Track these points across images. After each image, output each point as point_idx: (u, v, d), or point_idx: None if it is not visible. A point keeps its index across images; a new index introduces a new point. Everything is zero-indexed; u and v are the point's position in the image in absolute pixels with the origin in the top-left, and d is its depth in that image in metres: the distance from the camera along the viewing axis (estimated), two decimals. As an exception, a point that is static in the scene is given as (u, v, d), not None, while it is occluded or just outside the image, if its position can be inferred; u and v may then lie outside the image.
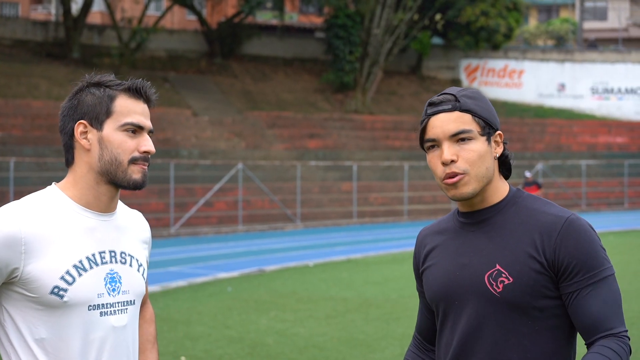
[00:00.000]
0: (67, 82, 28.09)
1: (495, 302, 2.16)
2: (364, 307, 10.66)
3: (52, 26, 32.92)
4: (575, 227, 2.15)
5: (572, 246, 2.14)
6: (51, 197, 2.26)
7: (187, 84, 31.74)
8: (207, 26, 35.22)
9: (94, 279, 2.21)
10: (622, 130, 36.76)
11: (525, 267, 2.14)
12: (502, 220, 2.23)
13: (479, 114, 2.21)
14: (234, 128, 28.97)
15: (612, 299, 2.13)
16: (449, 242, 2.31)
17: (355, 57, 34.11)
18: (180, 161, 24.87)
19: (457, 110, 2.21)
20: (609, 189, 32.95)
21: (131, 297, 2.30)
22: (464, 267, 2.23)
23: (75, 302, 2.17)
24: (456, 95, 2.22)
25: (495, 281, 2.16)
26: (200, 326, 9.38)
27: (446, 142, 2.19)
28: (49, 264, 2.15)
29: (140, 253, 2.39)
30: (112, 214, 2.32)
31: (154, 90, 2.32)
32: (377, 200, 28.17)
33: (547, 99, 38.89)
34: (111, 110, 2.23)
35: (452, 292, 2.24)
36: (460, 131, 2.19)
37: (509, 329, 2.16)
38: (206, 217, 24.03)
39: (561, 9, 55.48)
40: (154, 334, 2.60)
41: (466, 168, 2.18)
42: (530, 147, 34.13)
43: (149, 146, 2.25)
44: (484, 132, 2.21)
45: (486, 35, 37.29)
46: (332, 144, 30.36)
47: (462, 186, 2.19)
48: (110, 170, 2.23)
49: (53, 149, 23.62)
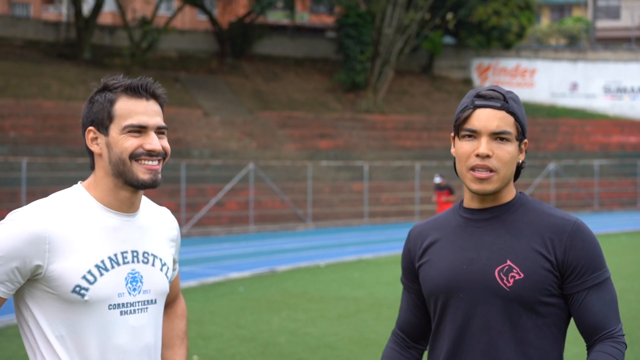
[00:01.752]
0: (79, 83, 28.20)
1: (504, 296, 2.25)
2: (376, 307, 10.65)
3: (64, 27, 33.04)
4: (582, 231, 2.29)
5: (579, 248, 2.26)
6: (76, 197, 2.29)
7: (198, 84, 31.79)
8: (218, 26, 35.27)
9: (115, 278, 2.24)
10: (635, 130, 36.56)
11: (536, 264, 2.25)
12: (512, 219, 2.32)
13: (520, 120, 2.33)
14: (245, 128, 28.99)
15: (612, 300, 2.29)
16: (451, 237, 2.36)
17: (366, 56, 34.08)
18: (191, 161, 24.91)
19: (505, 110, 2.30)
20: (621, 189, 32.78)
21: (152, 297, 2.32)
22: (472, 261, 2.29)
23: (95, 300, 2.20)
24: (505, 95, 2.31)
25: (506, 276, 2.25)
26: (213, 326, 9.39)
27: (486, 137, 2.27)
28: (72, 263, 2.19)
29: (166, 252, 2.41)
30: (135, 214, 2.34)
31: (157, 85, 2.30)
32: (388, 200, 28.13)
33: (560, 99, 38.74)
34: (112, 114, 2.25)
35: (457, 285, 2.30)
36: (502, 131, 2.28)
37: (515, 323, 2.25)
38: (217, 217, 24.06)
39: (574, 7, 55.26)
40: (184, 330, 2.62)
41: (498, 167, 2.27)
42: (543, 147, 34.00)
43: (153, 144, 2.24)
44: (519, 137, 2.33)
45: (498, 35, 37.18)
46: (343, 144, 30.34)
47: (490, 183, 2.28)
48: (120, 171, 2.25)
49: (64, 149, 23.70)
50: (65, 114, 25.38)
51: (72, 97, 26.98)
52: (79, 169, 22.53)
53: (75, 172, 22.17)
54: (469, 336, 2.27)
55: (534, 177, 30.45)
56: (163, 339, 2.56)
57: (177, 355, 2.55)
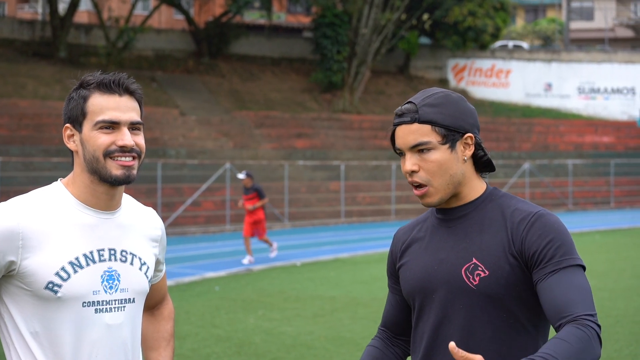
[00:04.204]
0: (54, 82, 28.00)
1: (472, 294, 2.22)
2: (352, 306, 10.69)
3: (39, 25, 32.79)
4: (542, 219, 2.20)
5: (537, 235, 2.18)
6: (54, 194, 2.28)
7: (174, 83, 31.68)
8: (195, 26, 35.16)
9: (90, 276, 2.23)
10: (609, 130, 36.94)
11: (500, 260, 2.20)
12: (479, 216, 2.29)
13: (440, 123, 2.25)
14: (222, 128, 28.94)
15: (578, 286, 2.12)
16: (427, 238, 2.37)
17: (343, 56, 34.14)
18: (167, 161, 24.84)
19: (416, 122, 2.25)
20: (595, 189, 33.10)
21: (130, 296, 2.30)
22: (442, 261, 2.29)
23: (69, 297, 2.19)
24: (417, 106, 2.26)
25: (471, 274, 2.22)
26: (188, 325, 9.39)
27: (408, 153, 2.27)
28: (45, 259, 2.18)
29: (147, 251, 2.39)
30: (115, 212, 2.32)
31: (130, 80, 2.28)
32: (364, 199, 28.21)
33: (534, 99, 39.03)
34: (85, 110, 2.24)
35: (429, 286, 2.29)
36: (418, 143, 2.24)
37: (485, 321, 2.22)
38: (194, 217, 24.01)
39: (548, 9, 55.71)
40: (171, 332, 2.60)
41: (427, 179, 2.25)
42: (518, 147, 34.26)
43: (125, 140, 2.22)
44: (446, 140, 2.25)
45: (473, 35, 37.39)
46: (319, 144, 30.38)
47: (428, 197, 2.27)
48: (94, 168, 2.24)
49: (40, 148, 23.53)
50: (40, 113, 25.21)
51: (48, 96, 26.80)
52: (55, 169, 22.39)
53: (51, 172, 22.03)
54: (442, 337, 2.27)
55: (509, 176, 30.67)
56: (149, 340, 2.56)
57: (162, 357, 2.54)
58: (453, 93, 2.32)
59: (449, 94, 2.30)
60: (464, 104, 2.30)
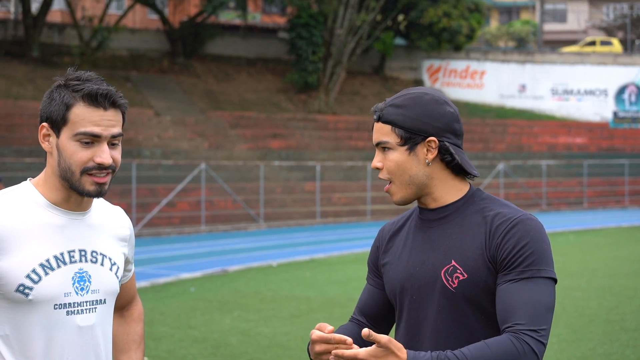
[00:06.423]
0: (27, 82, 27.73)
1: (451, 297, 2.22)
2: (327, 306, 10.70)
3: (11, 24, 32.46)
4: (520, 225, 2.17)
5: (511, 241, 2.15)
6: (23, 194, 2.23)
7: (149, 83, 31.51)
8: (170, 25, 35.00)
9: (61, 277, 2.20)
10: (582, 131, 37.29)
11: (478, 263, 2.19)
12: (460, 218, 2.28)
13: (400, 125, 2.25)
14: (197, 128, 28.83)
15: (533, 298, 2.09)
16: (410, 238, 2.36)
17: (318, 57, 34.15)
18: (142, 161, 24.69)
19: (380, 121, 2.31)
20: (568, 189, 33.39)
21: (101, 297, 2.28)
22: (423, 263, 2.28)
23: (40, 300, 2.16)
24: (384, 105, 2.30)
25: (450, 277, 2.22)
26: (163, 326, 9.34)
27: (377, 149, 2.33)
28: (16, 261, 2.14)
29: (116, 251, 2.36)
30: (85, 213, 2.29)
31: (118, 93, 2.22)
32: (340, 200, 28.24)
33: (508, 100, 39.29)
34: (67, 118, 2.17)
35: (410, 287, 2.29)
36: (379, 142, 2.31)
37: (463, 323, 2.22)
38: (169, 218, 23.89)
39: (522, 10, 56.10)
40: (141, 334, 2.57)
41: (389, 176, 2.32)
42: (492, 148, 34.47)
43: (103, 158, 2.17)
44: (405, 142, 2.26)
45: (448, 37, 37.55)
46: (295, 144, 30.36)
47: (392, 194, 2.33)
48: (67, 177, 2.20)
49: (12, 149, 23.29)
50: (12, 113, 24.94)
51: (20, 95, 26.53)
52: (27, 169, 22.17)
53: (23, 172, 21.80)
54: (421, 338, 2.26)
55: (484, 177, 30.84)
56: (119, 343, 2.53)
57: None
58: (429, 95, 2.28)
59: (422, 95, 2.27)
60: (435, 107, 2.26)
